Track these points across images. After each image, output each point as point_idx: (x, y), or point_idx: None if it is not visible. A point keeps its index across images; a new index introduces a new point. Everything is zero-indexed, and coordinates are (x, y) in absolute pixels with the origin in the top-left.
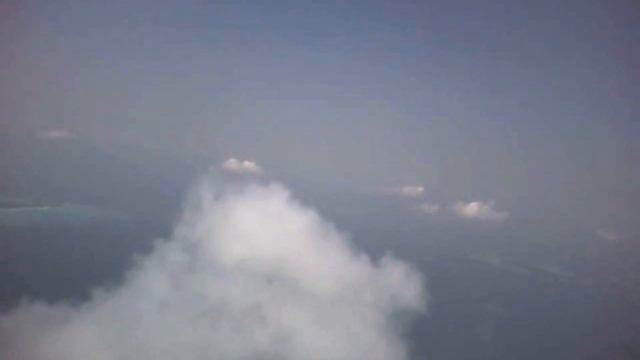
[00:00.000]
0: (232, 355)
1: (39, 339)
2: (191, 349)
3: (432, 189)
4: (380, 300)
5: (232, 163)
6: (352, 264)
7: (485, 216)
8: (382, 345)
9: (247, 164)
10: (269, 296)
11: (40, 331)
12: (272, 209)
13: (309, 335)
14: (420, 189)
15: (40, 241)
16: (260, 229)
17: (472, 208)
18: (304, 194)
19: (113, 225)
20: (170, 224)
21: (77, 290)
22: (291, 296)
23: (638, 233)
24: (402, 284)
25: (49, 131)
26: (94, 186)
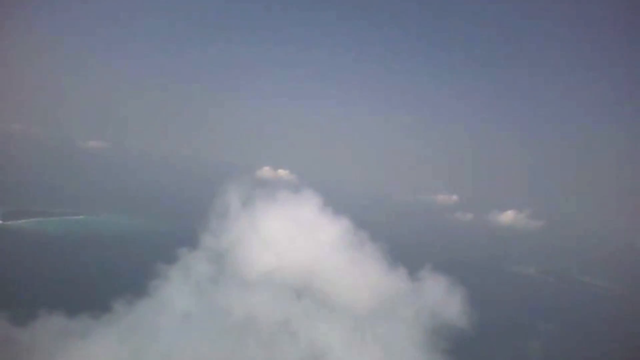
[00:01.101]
0: None
1: (55, 354)
2: None
3: (466, 197)
4: (420, 316)
5: (266, 171)
6: (388, 277)
7: (521, 225)
8: None
9: (281, 171)
10: (299, 311)
11: (58, 345)
12: (303, 217)
13: (344, 354)
14: (454, 197)
15: (71, 250)
16: (290, 239)
17: (507, 216)
18: (336, 202)
19: (146, 234)
20: (200, 232)
21: (99, 301)
22: (323, 311)
23: None
24: (442, 298)
25: (87, 141)
26: (130, 195)
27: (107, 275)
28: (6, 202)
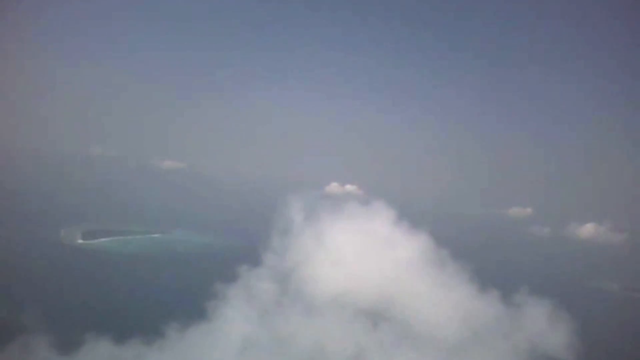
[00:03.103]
0: None
1: None
2: None
3: (541, 210)
4: (519, 347)
5: (334, 187)
6: (478, 301)
7: (602, 238)
8: None
9: (349, 187)
10: (375, 341)
11: None
12: (376, 233)
13: None
14: (528, 209)
15: (140, 269)
16: (361, 257)
17: (587, 229)
18: (407, 217)
19: (215, 251)
20: (263, 249)
21: (154, 324)
22: (404, 341)
23: None
24: (544, 326)
25: (162, 161)
26: (203, 213)
27: (167, 295)
28: (86, 222)
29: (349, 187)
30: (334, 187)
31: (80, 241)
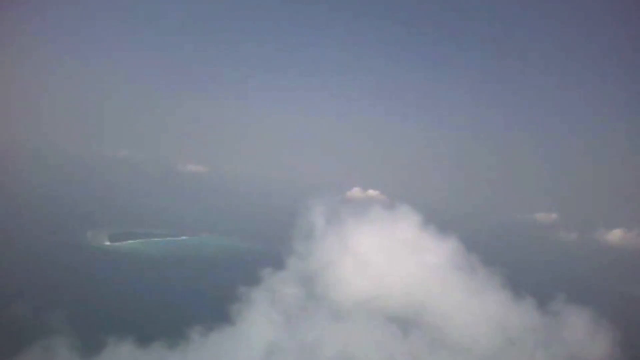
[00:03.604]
0: None
1: None
2: None
3: (568, 215)
4: (558, 357)
5: (356, 192)
6: (513, 309)
7: (632, 244)
8: None
9: (371, 192)
10: (405, 348)
11: None
12: (402, 236)
13: None
14: (554, 215)
15: (165, 271)
16: (389, 261)
17: (616, 235)
18: (434, 222)
19: (239, 253)
20: (287, 252)
21: (178, 327)
22: (435, 349)
23: None
24: (584, 335)
25: (186, 165)
26: (228, 216)
27: (191, 298)
28: (113, 225)
29: (371, 192)
30: (356, 192)
31: (107, 243)
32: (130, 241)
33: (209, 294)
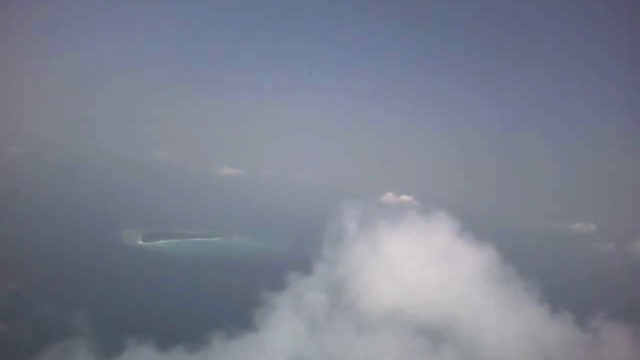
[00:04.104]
0: None
1: None
2: None
3: (605, 225)
4: None
5: (389, 197)
6: (551, 325)
7: None
8: None
9: (405, 197)
10: None
11: None
12: (437, 245)
13: None
14: (592, 225)
15: (194, 272)
16: (421, 270)
17: None
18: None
19: (271, 257)
20: (315, 257)
21: (201, 331)
22: None
23: None
24: (623, 353)
25: (221, 168)
26: (260, 219)
27: (217, 300)
28: (147, 225)
29: (404, 198)
30: (389, 197)
31: (140, 242)
32: (162, 241)
33: (233, 296)
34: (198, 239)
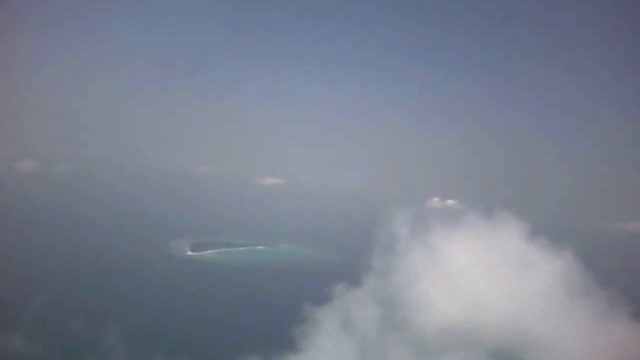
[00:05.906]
0: None
1: None
2: None
3: None
4: None
5: (435, 202)
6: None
7: None
8: None
9: (450, 202)
10: None
11: None
12: (504, 251)
13: None
14: None
15: (239, 281)
16: (487, 281)
17: None
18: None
19: (318, 266)
20: (367, 268)
21: (240, 349)
22: None
23: None
24: None
25: (265, 179)
26: (305, 227)
27: (258, 312)
28: (195, 235)
29: (451, 202)
30: (435, 202)
31: (189, 253)
32: (210, 251)
33: (275, 308)
34: (244, 248)
